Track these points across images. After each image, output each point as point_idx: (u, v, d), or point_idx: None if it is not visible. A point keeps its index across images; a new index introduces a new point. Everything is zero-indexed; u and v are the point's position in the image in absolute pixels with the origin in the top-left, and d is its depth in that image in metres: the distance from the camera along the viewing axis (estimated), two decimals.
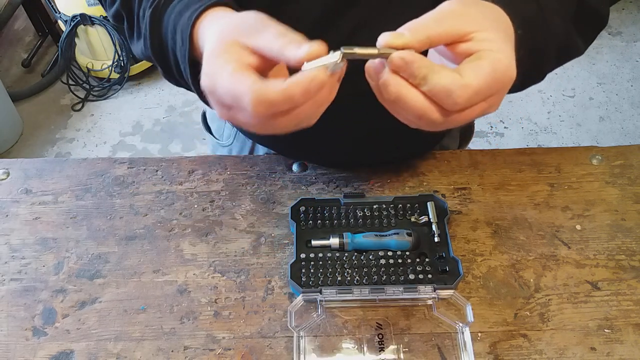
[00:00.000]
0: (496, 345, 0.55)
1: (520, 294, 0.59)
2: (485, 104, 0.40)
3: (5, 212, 0.67)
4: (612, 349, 0.54)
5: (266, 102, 0.36)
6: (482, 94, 0.38)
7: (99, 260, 0.62)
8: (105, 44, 1.99)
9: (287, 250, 0.62)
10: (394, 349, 0.55)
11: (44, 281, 0.61)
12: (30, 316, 0.58)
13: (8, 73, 2.20)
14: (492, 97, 0.39)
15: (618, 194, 0.67)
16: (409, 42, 0.37)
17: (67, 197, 0.68)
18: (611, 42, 2.25)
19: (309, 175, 0.70)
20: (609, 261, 0.61)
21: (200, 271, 0.61)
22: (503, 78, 0.38)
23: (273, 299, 0.59)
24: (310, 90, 0.36)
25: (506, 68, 0.38)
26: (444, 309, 0.57)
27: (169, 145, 1.95)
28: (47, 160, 0.73)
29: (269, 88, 0.36)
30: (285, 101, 0.36)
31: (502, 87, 0.39)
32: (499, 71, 0.38)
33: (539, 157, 0.70)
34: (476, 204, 0.66)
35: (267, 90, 0.36)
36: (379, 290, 0.56)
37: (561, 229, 0.64)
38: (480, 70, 0.37)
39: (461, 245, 0.62)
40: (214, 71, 0.38)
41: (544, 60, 0.49)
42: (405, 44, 0.37)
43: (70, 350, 0.56)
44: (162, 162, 0.71)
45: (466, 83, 0.37)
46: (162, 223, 0.65)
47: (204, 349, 0.55)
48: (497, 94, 0.40)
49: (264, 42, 0.38)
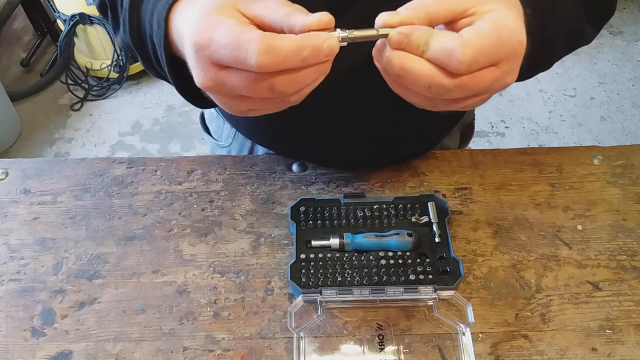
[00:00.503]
0: (497, 346, 0.55)
1: (521, 295, 0.58)
2: (498, 70, 0.38)
3: (4, 212, 0.66)
4: (614, 349, 0.54)
5: (275, 50, 0.33)
6: (487, 54, 0.36)
7: (98, 260, 0.62)
8: (104, 44, 1.99)
9: (287, 251, 0.62)
10: (395, 349, 0.55)
11: (42, 282, 0.60)
12: (29, 317, 0.58)
13: (7, 72, 2.20)
14: (503, 63, 0.37)
15: (619, 194, 0.66)
16: (407, 19, 0.36)
17: (66, 197, 0.68)
18: (612, 41, 2.25)
19: (309, 175, 0.69)
20: (610, 261, 0.61)
21: (199, 272, 0.61)
22: (510, 40, 0.37)
23: (273, 299, 0.59)
24: (320, 51, 0.34)
25: (512, 30, 0.37)
26: (445, 309, 0.57)
27: (168, 145, 1.95)
28: (45, 160, 0.73)
29: (279, 36, 0.33)
30: (295, 54, 0.34)
31: (512, 51, 0.37)
32: (503, 31, 0.36)
33: (540, 157, 0.70)
34: (477, 204, 0.66)
35: (277, 37, 0.33)
36: (380, 290, 0.56)
37: (562, 229, 0.63)
38: (480, 29, 0.36)
39: (462, 246, 0.62)
40: (212, 23, 0.35)
41: (553, 44, 0.47)
42: (402, 22, 0.36)
43: (69, 351, 0.55)
44: (161, 162, 0.71)
45: (467, 41, 0.35)
46: (161, 223, 0.65)
47: (203, 349, 0.55)
48: (507, 60, 0.38)
49: (266, 9, 0.36)
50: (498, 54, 0.37)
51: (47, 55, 2.25)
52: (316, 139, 0.66)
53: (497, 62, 0.38)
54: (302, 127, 0.65)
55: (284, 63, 0.34)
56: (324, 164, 0.70)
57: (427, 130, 0.70)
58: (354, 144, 0.67)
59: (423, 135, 0.70)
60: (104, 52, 2.01)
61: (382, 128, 0.64)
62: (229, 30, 0.34)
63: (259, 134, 0.73)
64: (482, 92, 0.39)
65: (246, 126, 0.74)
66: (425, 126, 0.47)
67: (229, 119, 0.77)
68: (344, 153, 0.68)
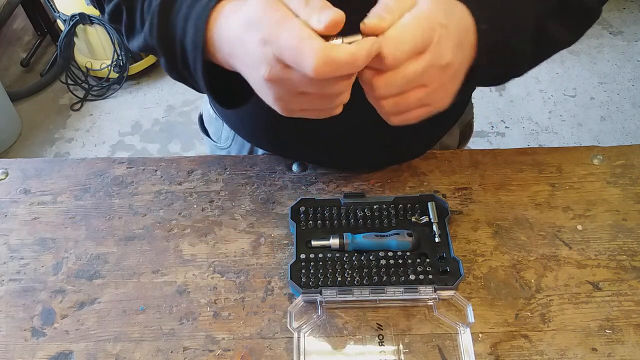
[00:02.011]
0: (497, 346, 0.55)
1: (521, 295, 0.58)
2: (428, 54, 0.39)
3: (4, 212, 0.66)
4: (614, 349, 0.54)
5: (332, 62, 0.36)
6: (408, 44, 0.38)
7: (98, 260, 0.62)
8: (104, 44, 1.99)
9: (287, 251, 0.62)
10: (394, 349, 0.55)
11: (42, 282, 0.60)
12: (29, 317, 0.58)
13: (7, 72, 2.20)
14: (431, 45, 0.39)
15: (619, 194, 0.66)
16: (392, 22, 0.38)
17: (66, 197, 0.68)
18: (612, 41, 2.25)
19: (309, 175, 0.69)
20: (610, 261, 0.61)
21: (199, 272, 0.61)
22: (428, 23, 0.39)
23: (273, 299, 0.59)
24: (370, 57, 0.37)
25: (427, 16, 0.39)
26: (445, 309, 0.57)
27: (168, 145, 1.94)
28: (45, 160, 0.73)
29: (336, 47, 0.36)
30: (349, 64, 0.36)
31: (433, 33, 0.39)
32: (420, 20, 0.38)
33: (540, 157, 0.70)
34: (477, 204, 0.66)
35: (334, 49, 0.36)
36: (380, 290, 0.56)
37: (562, 229, 0.63)
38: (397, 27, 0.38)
39: (462, 246, 0.62)
40: (278, 21, 0.37)
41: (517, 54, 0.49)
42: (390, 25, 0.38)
43: (69, 351, 0.55)
44: (161, 162, 0.71)
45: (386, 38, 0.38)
46: (161, 223, 0.65)
47: (203, 349, 0.55)
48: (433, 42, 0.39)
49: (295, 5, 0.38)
50: (418, 40, 0.38)
51: (47, 55, 2.25)
52: (316, 140, 0.66)
53: (424, 49, 0.39)
54: (302, 129, 0.65)
55: (339, 72, 0.37)
56: (324, 164, 0.70)
57: (426, 129, 0.70)
58: (354, 145, 0.67)
59: (422, 134, 0.70)
60: (104, 52, 2.01)
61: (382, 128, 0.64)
62: (293, 32, 0.37)
63: (258, 137, 0.73)
64: (420, 81, 0.40)
65: (245, 128, 0.74)
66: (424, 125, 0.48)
67: (228, 121, 0.77)
68: (344, 154, 0.68)
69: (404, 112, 0.43)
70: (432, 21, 0.39)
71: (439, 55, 0.40)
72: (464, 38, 0.43)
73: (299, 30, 0.36)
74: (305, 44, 0.36)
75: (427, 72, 0.40)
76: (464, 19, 0.43)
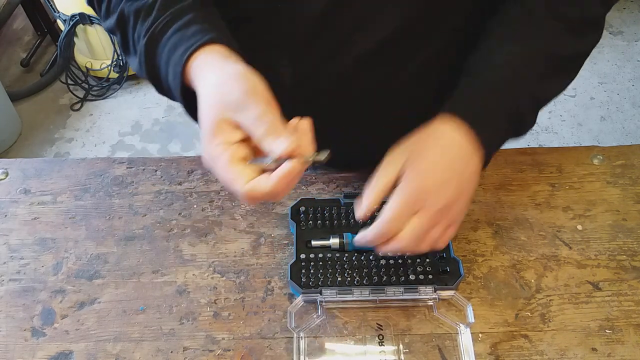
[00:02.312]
0: (497, 346, 0.55)
1: (521, 295, 0.58)
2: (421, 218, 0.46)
3: (4, 212, 0.66)
4: (613, 349, 0.54)
5: (254, 197, 0.41)
6: (397, 218, 0.45)
7: (98, 260, 0.62)
8: (104, 44, 1.99)
9: (287, 251, 0.62)
10: (395, 349, 0.54)
11: (42, 282, 0.60)
12: (29, 317, 0.58)
13: (7, 72, 2.20)
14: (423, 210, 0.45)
15: (619, 194, 0.66)
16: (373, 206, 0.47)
17: (65, 197, 0.68)
18: (612, 41, 2.25)
19: (309, 175, 0.69)
20: (610, 261, 0.61)
21: (199, 272, 0.61)
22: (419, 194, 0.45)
23: (273, 299, 0.59)
24: (291, 182, 0.41)
25: (418, 187, 0.45)
26: (445, 309, 0.57)
27: (168, 145, 1.94)
28: (45, 160, 0.73)
29: (257, 188, 0.40)
30: (271, 197, 0.41)
31: (425, 195, 0.45)
32: (409, 194, 0.45)
33: (540, 157, 0.70)
34: (477, 204, 0.66)
35: (255, 189, 0.41)
36: (379, 290, 0.56)
37: (562, 229, 0.63)
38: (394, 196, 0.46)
39: (462, 246, 0.62)
40: (212, 156, 0.42)
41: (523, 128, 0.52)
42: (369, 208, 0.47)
43: (69, 351, 0.55)
44: (161, 162, 0.71)
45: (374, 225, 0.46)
46: (161, 223, 0.65)
47: (203, 349, 0.55)
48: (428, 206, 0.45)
49: (247, 122, 0.41)
50: (408, 209, 0.45)
51: (47, 55, 2.25)
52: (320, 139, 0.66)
53: (416, 210, 0.45)
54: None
55: (262, 200, 0.43)
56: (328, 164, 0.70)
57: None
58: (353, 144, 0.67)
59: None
60: (104, 52, 2.01)
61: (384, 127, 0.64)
62: (222, 171, 0.41)
63: None
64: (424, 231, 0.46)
65: None
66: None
67: None
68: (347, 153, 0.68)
69: (434, 243, 0.48)
70: (420, 194, 0.45)
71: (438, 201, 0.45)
72: (465, 169, 0.47)
73: (227, 166, 0.41)
74: (232, 183, 0.41)
75: (430, 222, 0.45)
76: (461, 158, 0.47)
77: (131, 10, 0.49)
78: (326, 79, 0.56)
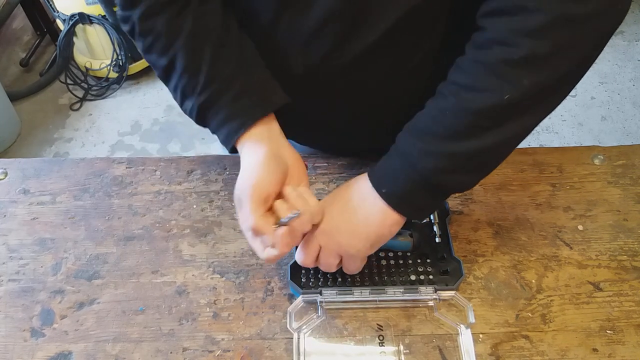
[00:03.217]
0: (498, 347, 0.55)
1: (521, 295, 0.58)
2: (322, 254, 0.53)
3: (3, 213, 0.66)
4: (614, 350, 0.54)
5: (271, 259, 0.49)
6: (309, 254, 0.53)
7: (97, 261, 0.62)
8: (103, 43, 1.98)
9: None
10: (395, 350, 0.54)
11: (42, 282, 0.60)
12: (29, 317, 0.58)
13: (6, 72, 2.19)
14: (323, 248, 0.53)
15: (620, 194, 0.66)
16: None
17: (65, 197, 0.68)
18: (613, 41, 2.25)
19: (309, 175, 0.69)
20: (611, 262, 0.60)
21: (199, 272, 0.61)
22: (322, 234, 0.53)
23: (272, 300, 0.58)
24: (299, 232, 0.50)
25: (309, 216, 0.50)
26: (445, 310, 0.57)
27: (167, 145, 1.94)
28: (45, 160, 0.72)
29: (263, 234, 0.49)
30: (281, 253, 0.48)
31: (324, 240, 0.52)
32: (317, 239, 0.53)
33: (541, 157, 0.70)
34: (478, 204, 0.66)
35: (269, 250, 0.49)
36: (380, 291, 0.56)
37: (563, 230, 0.63)
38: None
39: (462, 246, 0.62)
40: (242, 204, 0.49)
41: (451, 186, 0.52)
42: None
43: (69, 352, 0.55)
44: (161, 162, 0.71)
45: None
46: (160, 223, 0.65)
47: (202, 350, 0.55)
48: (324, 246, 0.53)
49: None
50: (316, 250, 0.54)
51: (47, 55, 2.25)
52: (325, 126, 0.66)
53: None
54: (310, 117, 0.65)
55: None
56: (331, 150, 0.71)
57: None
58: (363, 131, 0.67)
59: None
60: (103, 52, 2.01)
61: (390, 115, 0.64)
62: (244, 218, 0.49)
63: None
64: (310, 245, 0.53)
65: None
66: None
67: None
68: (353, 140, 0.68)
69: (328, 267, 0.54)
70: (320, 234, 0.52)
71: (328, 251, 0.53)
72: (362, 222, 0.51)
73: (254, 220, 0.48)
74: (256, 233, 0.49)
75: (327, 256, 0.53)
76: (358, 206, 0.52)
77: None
78: (334, 69, 0.56)
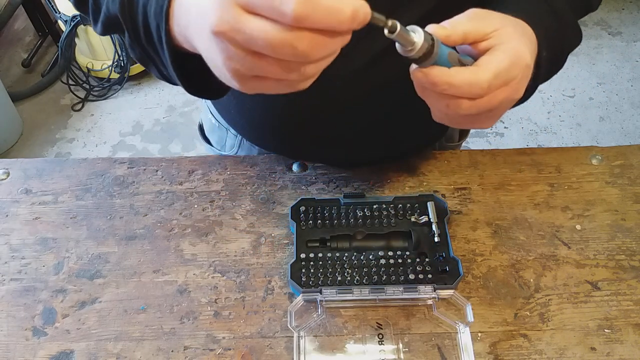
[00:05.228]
0: (496, 345, 0.55)
1: (520, 294, 0.58)
2: (509, 88, 0.43)
3: (5, 212, 0.67)
4: (612, 349, 0.54)
5: (315, 3, 0.30)
6: (501, 78, 0.41)
7: (99, 260, 0.62)
8: (105, 44, 1.99)
9: (287, 250, 0.62)
10: (394, 348, 0.55)
11: (43, 281, 0.61)
12: (30, 316, 0.58)
13: (8, 73, 2.20)
14: (513, 82, 0.43)
15: (618, 194, 0.67)
16: (451, 34, 0.41)
17: (67, 197, 0.68)
18: (611, 42, 2.25)
19: (309, 175, 0.70)
20: (609, 261, 0.61)
21: (200, 271, 0.61)
22: (518, 62, 0.42)
23: (273, 299, 0.59)
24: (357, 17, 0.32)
25: (519, 55, 0.42)
26: (444, 309, 0.57)
27: (169, 145, 1.95)
28: (47, 160, 0.73)
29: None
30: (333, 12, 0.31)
31: (520, 71, 0.43)
32: (513, 57, 0.42)
33: (539, 157, 0.70)
34: (476, 204, 0.66)
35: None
36: (379, 290, 0.56)
37: (561, 229, 0.64)
38: (495, 58, 0.42)
39: (461, 245, 0.62)
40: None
41: (560, 62, 0.53)
42: (448, 36, 0.41)
43: (70, 351, 0.56)
44: (162, 162, 0.71)
45: (485, 68, 0.41)
46: (162, 223, 0.65)
47: (204, 349, 0.55)
48: (516, 80, 0.43)
49: None
50: (509, 75, 0.42)
51: (48, 55, 2.26)
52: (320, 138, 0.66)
53: (508, 82, 0.43)
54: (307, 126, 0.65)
55: (320, 19, 0.31)
56: (328, 162, 0.70)
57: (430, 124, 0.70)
58: (359, 141, 0.67)
59: (426, 129, 0.70)
60: (105, 52, 2.02)
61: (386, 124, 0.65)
62: None
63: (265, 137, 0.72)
64: (494, 108, 0.44)
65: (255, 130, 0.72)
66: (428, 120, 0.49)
67: (234, 125, 0.76)
68: (348, 151, 0.68)
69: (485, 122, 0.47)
70: (521, 61, 0.43)
71: (515, 91, 0.44)
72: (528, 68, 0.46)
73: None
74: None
75: (501, 104, 0.44)
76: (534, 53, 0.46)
77: None
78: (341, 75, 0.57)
